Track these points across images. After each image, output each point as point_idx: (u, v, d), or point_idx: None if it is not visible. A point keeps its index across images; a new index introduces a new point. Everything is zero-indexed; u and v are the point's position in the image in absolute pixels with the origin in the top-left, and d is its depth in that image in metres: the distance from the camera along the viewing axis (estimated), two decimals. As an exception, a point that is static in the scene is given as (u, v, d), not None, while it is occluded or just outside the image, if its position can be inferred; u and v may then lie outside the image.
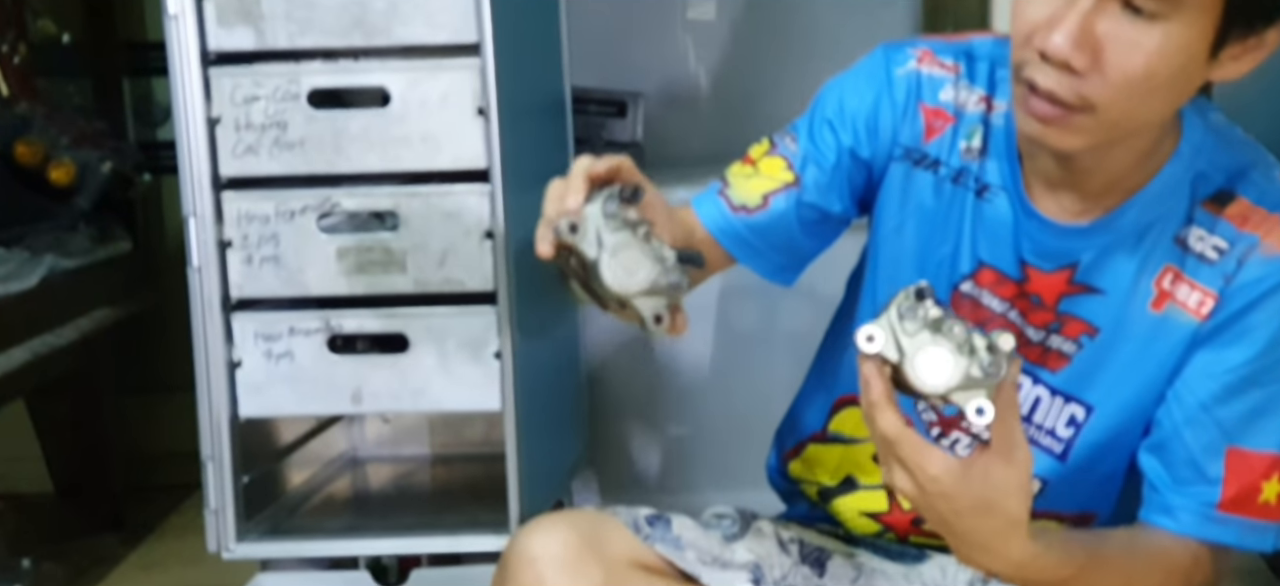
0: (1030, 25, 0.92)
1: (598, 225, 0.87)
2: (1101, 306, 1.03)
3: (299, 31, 1.45)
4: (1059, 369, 1.05)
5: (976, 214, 1.06)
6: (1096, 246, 1.02)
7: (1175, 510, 1.00)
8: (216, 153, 1.47)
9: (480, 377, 1.47)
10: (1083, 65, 0.90)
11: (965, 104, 1.07)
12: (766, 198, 1.10)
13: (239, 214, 1.48)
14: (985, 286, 1.06)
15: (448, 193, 1.46)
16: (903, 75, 1.09)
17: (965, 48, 1.09)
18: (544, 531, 1.05)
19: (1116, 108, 0.91)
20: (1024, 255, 1.04)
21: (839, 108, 1.10)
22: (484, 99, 1.43)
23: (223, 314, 1.49)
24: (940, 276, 1.08)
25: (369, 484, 1.83)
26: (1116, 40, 0.89)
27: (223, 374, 1.49)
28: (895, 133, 1.08)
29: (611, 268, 0.87)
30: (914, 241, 1.09)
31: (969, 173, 1.06)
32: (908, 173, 1.08)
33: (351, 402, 1.50)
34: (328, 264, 1.48)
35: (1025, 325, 1.06)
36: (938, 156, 1.07)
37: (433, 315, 1.48)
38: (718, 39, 2.04)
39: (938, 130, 1.07)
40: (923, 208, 1.08)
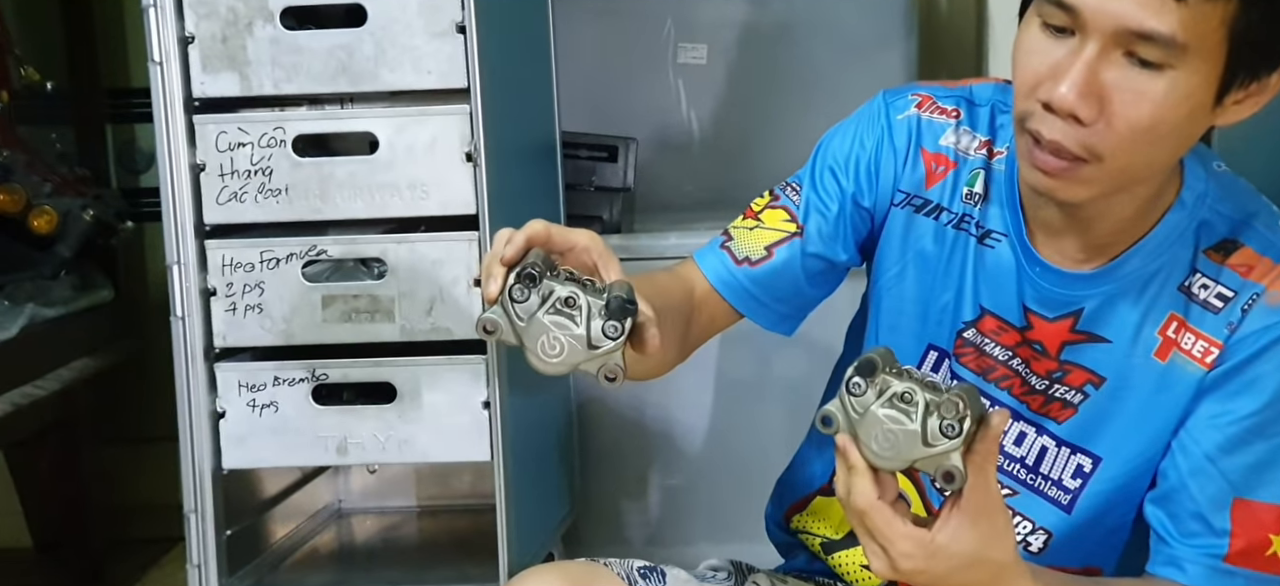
0: (1034, 76, 0.91)
1: (509, 314, 0.83)
2: (1106, 355, 1.01)
3: (285, 77, 1.44)
4: (1065, 419, 1.03)
5: (979, 260, 1.05)
6: (1100, 294, 1.00)
7: (1182, 562, 0.98)
8: (201, 200, 1.45)
9: (469, 428, 1.44)
10: (1089, 116, 0.89)
11: (967, 149, 1.07)
12: (770, 249, 1.08)
13: (223, 262, 1.46)
14: (987, 333, 1.05)
15: (435, 240, 1.44)
16: (903, 121, 1.08)
17: (965, 93, 1.09)
18: (534, 583, 1.02)
19: (1123, 157, 0.90)
20: (1027, 302, 1.03)
21: (840, 155, 1.09)
22: (473, 144, 1.41)
23: (206, 363, 1.46)
24: (943, 323, 1.07)
25: (355, 536, 1.80)
26: (1122, 90, 0.88)
27: (206, 424, 1.46)
28: (896, 178, 1.07)
29: (533, 355, 0.83)
30: (915, 287, 1.08)
31: (971, 218, 1.05)
32: (909, 219, 1.07)
33: (337, 454, 1.47)
34: (313, 312, 1.45)
35: (1029, 373, 1.04)
36: (939, 202, 1.06)
37: (420, 364, 1.45)
38: (710, 83, 2.03)
39: (939, 176, 1.06)
40: (924, 254, 1.07)
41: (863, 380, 0.84)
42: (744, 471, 1.79)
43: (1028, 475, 1.05)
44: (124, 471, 2.17)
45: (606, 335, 0.82)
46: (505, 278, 0.84)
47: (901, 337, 1.08)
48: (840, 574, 1.17)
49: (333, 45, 1.43)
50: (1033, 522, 1.06)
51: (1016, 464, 1.05)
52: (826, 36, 2.02)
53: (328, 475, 1.85)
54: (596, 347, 0.82)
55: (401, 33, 1.41)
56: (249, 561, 1.58)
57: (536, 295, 0.82)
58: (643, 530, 1.89)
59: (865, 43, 2.01)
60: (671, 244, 1.79)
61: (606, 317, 0.82)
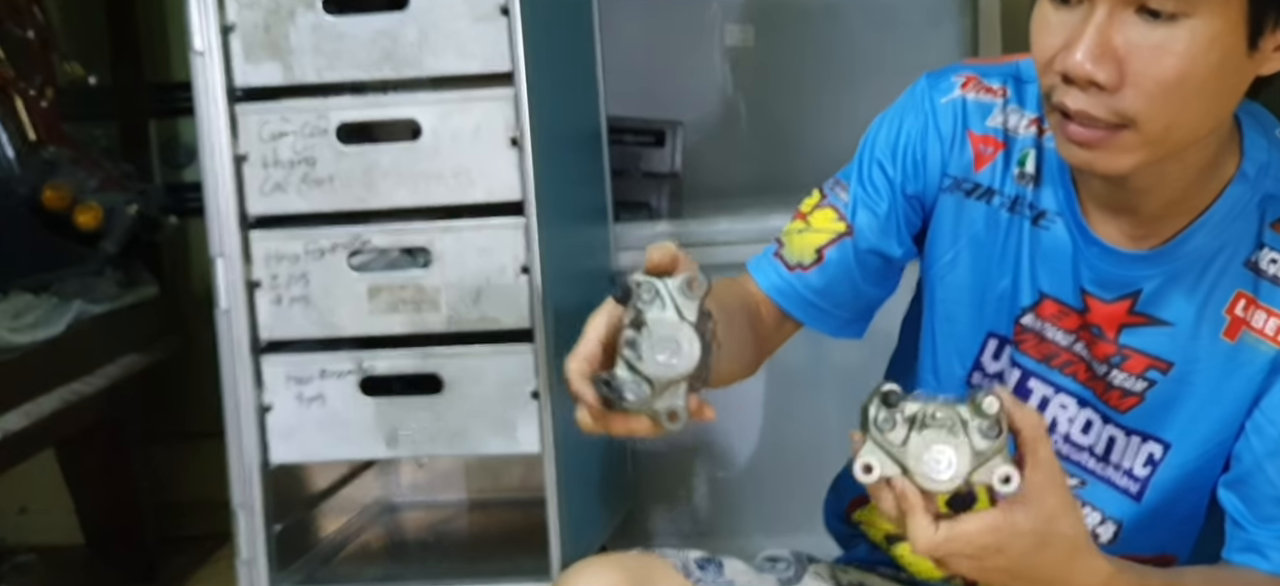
0: (1049, 50, 0.88)
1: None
2: (1169, 339, 0.97)
3: (327, 65, 1.42)
4: (1129, 407, 0.99)
5: (1034, 242, 1.00)
6: (1160, 275, 0.96)
7: (1263, 547, 0.94)
8: (243, 190, 1.43)
9: (518, 419, 1.42)
10: (1109, 79, 0.85)
11: (1016, 128, 1.02)
12: (821, 252, 1.04)
13: (267, 253, 1.44)
14: (1047, 319, 1.01)
15: (481, 227, 1.41)
16: (947, 104, 1.04)
17: (1012, 70, 1.04)
18: (589, 574, 0.99)
19: (1158, 119, 0.86)
20: (1083, 284, 0.98)
21: (885, 146, 1.05)
22: (517, 129, 1.38)
23: (252, 357, 1.44)
24: (1001, 309, 1.02)
25: (405, 531, 1.78)
26: (1139, 48, 0.85)
27: (253, 419, 1.44)
28: (944, 164, 1.03)
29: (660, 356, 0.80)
30: (969, 275, 1.03)
31: (1024, 199, 1.01)
32: (959, 204, 1.03)
33: (386, 447, 1.45)
34: (359, 303, 1.43)
35: (1091, 359, 1.00)
36: (990, 185, 1.02)
37: (468, 354, 1.43)
38: (757, 65, 1.99)
39: (988, 158, 1.02)
40: (976, 239, 1.02)
41: (890, 411, 0.80)
42: (799, 461, 1.75)
43: (1097, 464, 1.01)
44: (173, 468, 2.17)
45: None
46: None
47: (958, 327, 1.04)
48: (902, 565, 1.13)
49: (375, 31, 1.40)
50: (1102, 513, 1.02)
51: (1085, 453, 1.01)
52: (876, 16, 1.98)
53: (377, 469, 1.83)
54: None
55: (445, 17, 1.38)
56: (299, 556, 1.56)
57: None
58: (697, 523, 1.85)
59: (916, 21, 1.96)
60: (722, 230, 1.75)
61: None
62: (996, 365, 1.03)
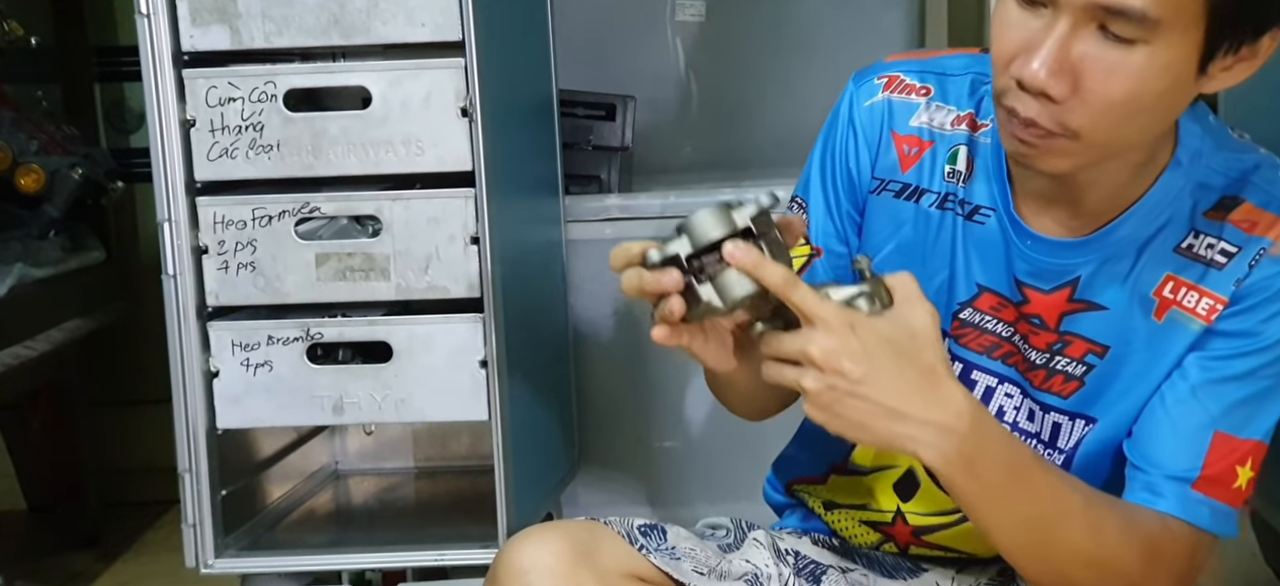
0: (1009, 51, 0.89)
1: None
2: (1104, 322, 1.00)
3: (276, 30, 1.41)
4: (1070, 393, 1.02)
5: (968, 237, 1.02)
6: (1094, 260, 0.99)
7: (1158, 488, 0.97)
8: (191, 156, 1.42)
9: (466, 387, 1.43)
10: (1061, 93, 0.87)
11: (942, 126, 1.04)
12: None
13: (215, 219, 1.43)
14: (985, 310, 1.03)
15: (431, 196, 1.42)
16: (870, 108, 1.06)
17: (936, 66, 1.05)
18: (534, 542, 1.01)
19: (1101, 131, 0.89)
20: (1020, 276, 1.01)
21: (827, 160, 1.08)
22: (468, 99, 1.38)
23: (199, 322, 1.44)
24: (939, 305, 1.02)
25: (351, 497, 1.78)
26: (1095, 64, 0.86)
27: (199, 384, 1.44)
28: (872, 167, 1.05)
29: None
30: (914, 267, 1.03)
31: (955, 196, 1.02)
32: (886, 204, 1.05)
33: (333, 413, 1.45)
34: (307, 270, 1.43)
35: (1027, 348, 1.02)
36: (917, 184, 1.04)
37: (416, 323, 1.44)
38: (709, 41, 2.01)
39: (912, 158, 1.04)
40: (905, 239, 1.04)
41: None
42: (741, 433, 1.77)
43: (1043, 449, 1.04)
44: (119, 434, 2.15)
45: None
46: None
47: None
48: (837, 530, 1.16)
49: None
50: None
51: (1033, 440, 1.04)
52: (826, -7, 2.00)
53: (324, 436, 1.83)
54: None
55: (395, -16, 1.38)
56: (245, 521, 1.56)
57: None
58: (641, 490, 1.88)
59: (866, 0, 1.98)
60: (670, 203, 1.77)
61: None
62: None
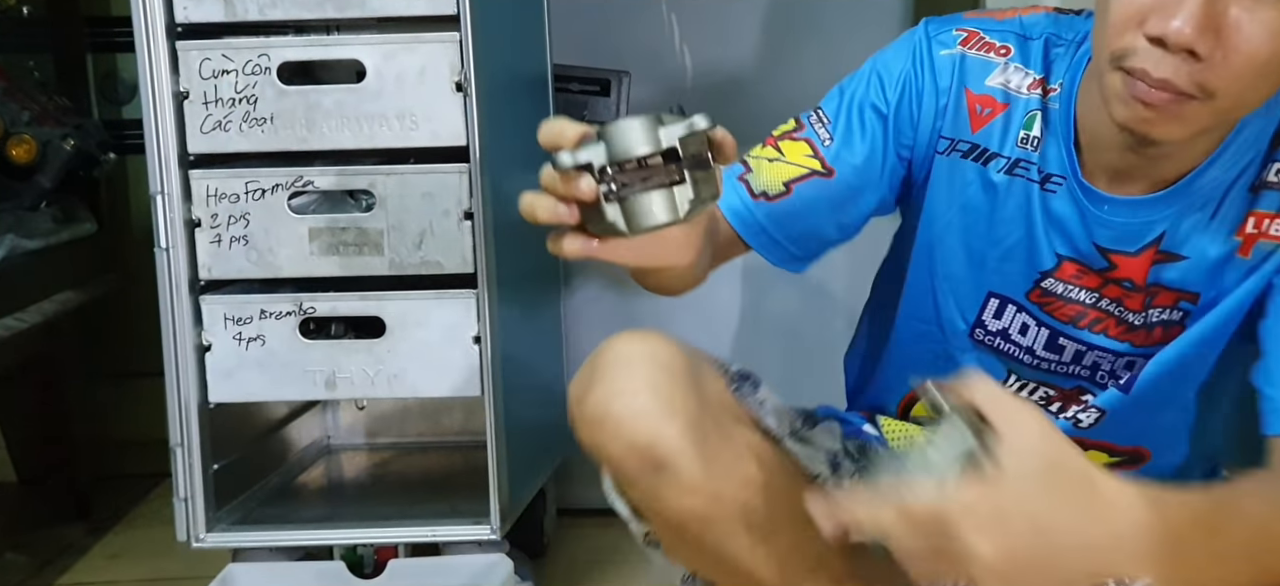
0: (1139, 9, 0.84)
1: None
2: (1192, 271, 0.96)
3: (270, 3, 1.40)
4: (1174, 337, 0.99)
5: (1045, 206, 0.98)
6: (1175, 213, 0.95)
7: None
8: (184, 129, 1.41)
9: (459, 363, 1.42)
10: (1207, 50, 0.82)
11: (1019, 89, 0.99)
12: (789, 185, 1.01)
13: (208, 192, 1.43)
14: (1068, 280, 1.00)
15: (425, 171, 1.41)
16: (946, 57, 1.00)
17: (1016, 27, 1.00)
18: (642, 337, 0.92)
19: (1234, 94, 0.85)
20: (1102, 242, 0.97)
21: (878, 92, 1.01)
22: (463, 73, 1.38)
23: (191, 296, 1.44)
24: (1008, 272, 1.00)
25: (344, 472, 1.78)
26: (1242, 23, 0.82)
27: (192, 358, 1.44)
28: (938, 123, 1.00)
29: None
30: (964, 236, 1.01)
31: (1030, 163, 0.98)
32: (953, 166, 1.00)
33: (325, 388, 1.45)
34: (300, 244, 1.43)
35: (1124, 312, 0.99)
36: (987, 146, 0.99)
37: (410, 298, 1.43)
38: (705, 17, 1.99)
39: (985, 118, 0.99)
40: (971, 202, 1.00)
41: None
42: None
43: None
44: (110, 407, 2.15)
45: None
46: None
47: (959, 286, 1.03)
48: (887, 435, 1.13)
49: (319, -31, 1.38)
50: (1088, 403, 1.03)
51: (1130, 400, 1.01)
52: (823, -31, 1.98)
53: (316, 411, 1.83)
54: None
55: (390, -44, 1.37)
56: (237, 495, 1.56)
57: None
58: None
59: (863, -24, 1.97)
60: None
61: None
62: (999, 322, 1.03)
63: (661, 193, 0.77)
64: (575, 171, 0.78)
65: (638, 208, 0.77)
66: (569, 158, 0.78)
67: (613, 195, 0.78)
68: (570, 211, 0.80)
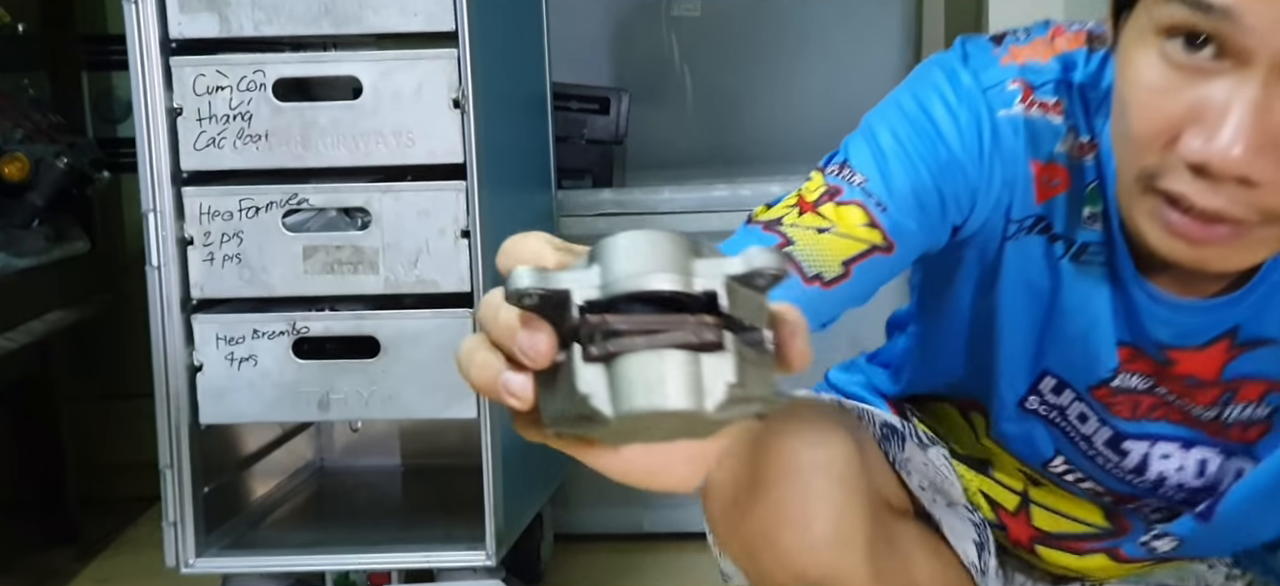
0: (1163, 124, 0.66)
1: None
2: (1275, 356, 0.82)
3: (266, 18, 1.38)
4: (1259, 436, 0.85)
5: (1111, 291, 0.83)
6: (1251, 305, 0.80)
7: None
8: (177, 145, 1.39)
9: (455, 384, 1.40)
10: (1267, 175, 0.63)
11: (1082, 156, 0.81)
12: (848, 266, 0.79)
13: (201, 210, 1.41)
14: (1128, 368, 0.86)
15: (422, 189, 1.39)
16: (1008, 121, 0.81)
17: (1060, 74, 0.82)
18: (817, 438, 0.78)
19: None
20: (1162, 339, 0.82)
21: (932, 149, 0.80)
22: (460, 91, 1.36)
23: (183, 315, 1.41)
24: (1075, 364, 0.86)
25: (337, 495, 1.75)
26: None
27: (182, 378, 1.41)
28: (1008, 205, 0.82)
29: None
30: (1027, 315, 0.86)
31: (1096, 246, 0.82)
32: (1021, 246, 0.84)
33: (318, 409, 1.43)
34: (294, 263, 1.40)
35: (1189, 405, 0.86)
36: (1049, 220, 0.83)
37: (405, 318, 1.41)
38: (705, 36, 1.99)
39: (1051, 191, 0.82)
40: (1034, 283, 0.84)
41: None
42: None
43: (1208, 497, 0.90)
44: (100, 429, 2.12)
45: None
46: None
47: (1013, 359, 0.89)
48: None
49: (315, -15, 1.37)
50: (1164, 532, 0.93)
51: (1203, 495, 0.90)
52: (823, -10, 1.98)
53: (309, 432, 1.80)
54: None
55: (387, -28, 1.35)
56: (227, 519, 1.54)
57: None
58: (634, 497, 1.85)
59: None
60: (664, 199, 1.74)
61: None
62: (1056, 399, 0.90)
63: (681, 358, 0.43)
64: (535, 307, 0.44)
65: (634, 376, 0.42)
66: (531, 278, 0.44)
67: (597, 352, 0.43)
68: (521, 380, 0.46)
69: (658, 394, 0.42)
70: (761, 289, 0.45)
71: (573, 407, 0.44)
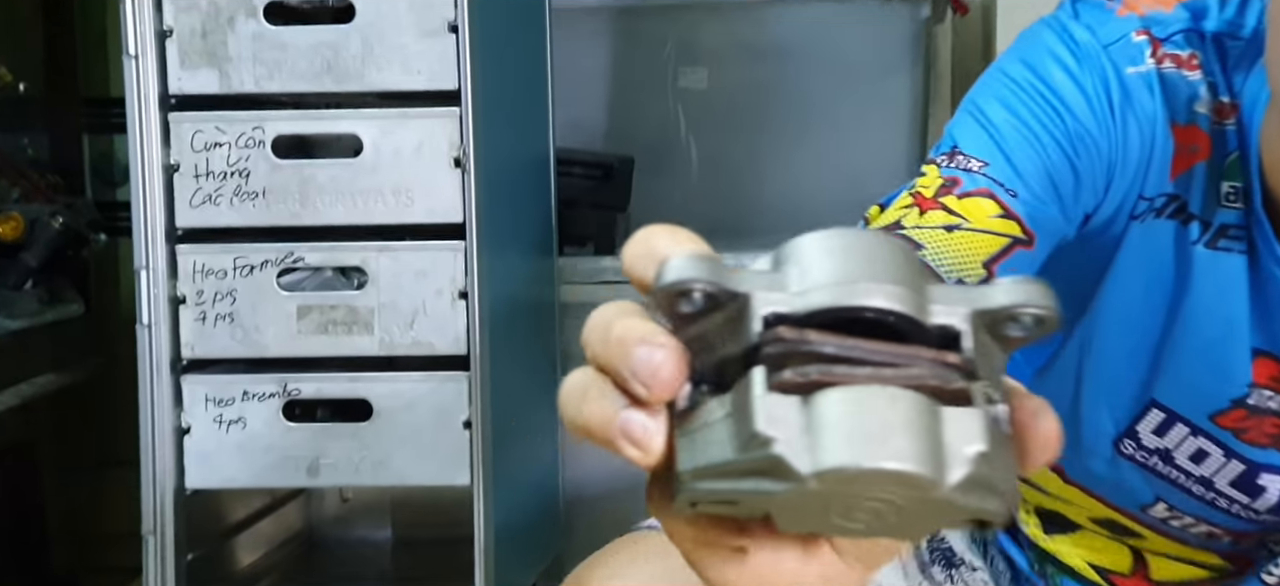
0: None
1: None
2: None
3: (267, 75, 1.37)
4: None
5: (1251, 284, 0.72)
6: None
7: None
8: (173, 202, 1.37)
9: (449, 450, 1.36)
10: None
11: (1222, 120, 0.71)
12: (990, 266, 0.68)
13: (194, 268, 1.38)
14: (1264, 384, 0.74)
15: (420, 248, 1.36)
16: (1140, 79, 0.70)
17: (1191, 23, 0.71)
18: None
19: None
20: None
21: (1059, 123, 0.69)
22: (462, 150, 1.34)
23: (172, 375, 1.38)
24: (1195, 385, 0.74)
25: (325, 567, 1.70)
26: None
27: (169, 440, 1.37)
28: (1142, 179, 0.71)
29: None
30: (1140, 320, 0.75)
31: (1238, 229, 0.71)
32: (1148, 230, 0.72)
33: (308, 475, 1.38)
34: (288, 323, 1.37)
35: None
36: (1186, 198, 0.71)
37: (399, 380, 1.37)
38: (710, 108, 1.97)
39: (1189, 159, 0.71)
40: (1157, 278, 0.73)
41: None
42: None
43: None
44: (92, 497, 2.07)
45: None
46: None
47: (1115, 382, 0.76)
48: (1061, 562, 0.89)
49: (318, 42, 1.36)
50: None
51: None
52: (830, 64, 1.96)
53: (299, 501, 1.76)
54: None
55: (390, 30, 1.34)
56: (211, 590, 1.48)
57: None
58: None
59: (870, 71, 1.95)
60: (668, 267, 1.71)
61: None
62: (1159, 440, 0.78)
63: (918, 404, 0.31)
64: (696, 314, 0.33)
65: (847, 418, 0.31)
66: (698, 267, 0.33)
67: (793, 376, 0.31)
68: (646, 420, 0.34)
69: (884, 447, 0.29)
70: (1013, 340, 0.33)
71: (738, 460, 0.30)
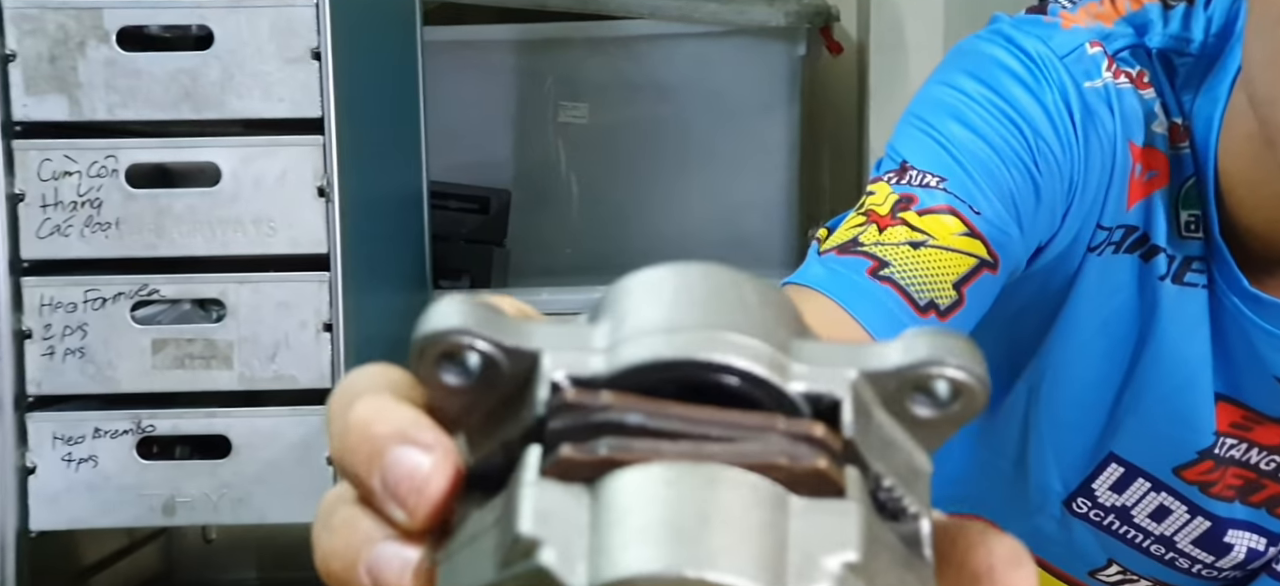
0: None
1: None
2: None
3: (120, 102, 1.32)
4: None
5: (1217, 329, 0.66)
6: None
7: None
8: (18, 233, 1.32)
9: (312, 486, 1.32)
10: None
11: (1178, 142, 0.65)
12: (960, 289, 0.63)
13: (41, 301, 1.32)
14: (1229, 432, 0.68)
15: (282, 280, 1.33)
16: (1097, 94, 0.63)
17: (1136, 39, 0.65)
18: None
19: None
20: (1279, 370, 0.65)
21: (1020, 140, 0.63)
22: (325, 178, 1.31)
23: (16, 413, 1.31)
24: (1160, 437, 0.69)
25: (185, 613, 1.64)
26: None
27: (12, 481, 1.31)
28: (1100, 207, 0.65)
29: None
30: (1096, 367, 0.69)
31: (1199, 261, 0.66)
32: (1107, 265, 0.67)
33: (163, 514, 1.33)
34: (142, 357, 1.32)
35: None
36: (1147, 231, 0.65)
37: (260, 416, 1.33)
38: (591, 144, 1.97)
39: (1146, 186, 0.65)
40: (1117, 317, 0.67)
41: None
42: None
43: None
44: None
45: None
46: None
47: (1066, 435, 0.71)
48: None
49: (175, 69, 1.32)
50: None
51: None
52: (709, 101, 1.98)
53: (158, 543, 1.69)
54: None
55: (251, 57, 1.31)
56: (60, 640, 1.41)
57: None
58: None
59: (748, 108, 1.97)
60: (544, 300, 1.70)
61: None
62: (1117, 497, 0.72)
63: (753, 486, 0.22)
64: (466, 387, 0.26)
65: (640, 506, 0.21)
66: (469, 315, 0.26)
67: (573, 454, 0.23)
68: (402, 554, 0.26)
69: (695, 548, 0.20)
70: (923, 423, 0.23)
71: (499, 580, 0.22)
